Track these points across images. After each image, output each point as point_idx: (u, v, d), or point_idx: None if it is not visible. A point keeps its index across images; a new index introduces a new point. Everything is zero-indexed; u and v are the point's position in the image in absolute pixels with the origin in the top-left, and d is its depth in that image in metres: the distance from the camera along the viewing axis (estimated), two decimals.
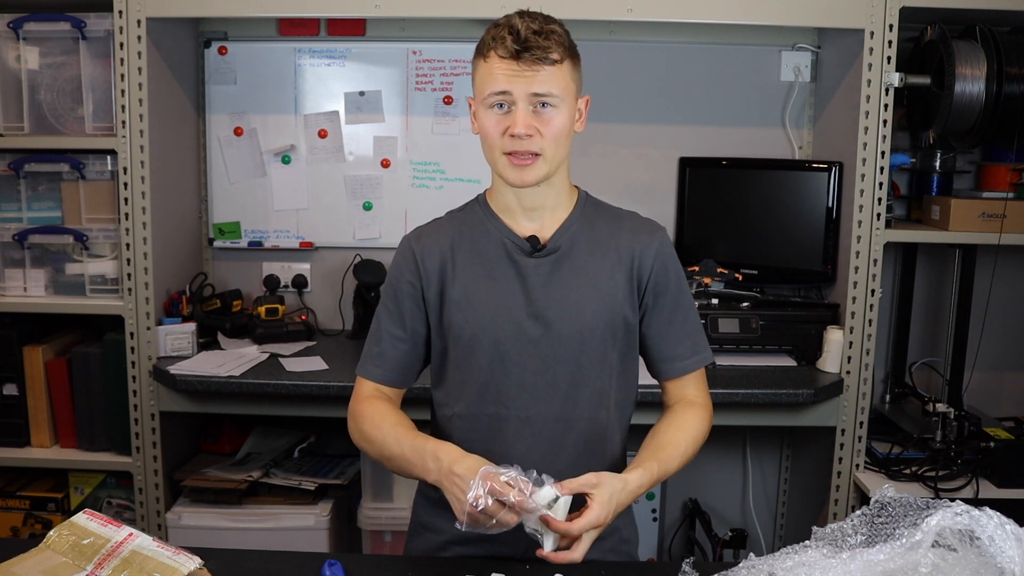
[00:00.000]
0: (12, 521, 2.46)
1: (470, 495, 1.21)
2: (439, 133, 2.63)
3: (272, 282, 2.60)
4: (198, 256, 2.67)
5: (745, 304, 2.41)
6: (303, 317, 2.60)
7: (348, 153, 2.65)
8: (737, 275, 2.48)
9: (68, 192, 2.35)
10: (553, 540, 1.26)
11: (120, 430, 2.35)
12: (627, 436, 1.52)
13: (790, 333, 2.37)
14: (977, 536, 0.98)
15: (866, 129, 2.19)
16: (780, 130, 2.63)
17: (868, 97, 2.18)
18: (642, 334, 1.48)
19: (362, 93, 2.62)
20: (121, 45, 2.20)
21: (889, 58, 2.17)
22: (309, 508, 2.33)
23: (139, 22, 2.19)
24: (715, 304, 2.40)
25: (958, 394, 2.40)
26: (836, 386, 2.25)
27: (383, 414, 1.42)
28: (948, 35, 2.28)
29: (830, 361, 2.29)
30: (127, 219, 2.27)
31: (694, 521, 2.70)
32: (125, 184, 2.26)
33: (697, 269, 2.44)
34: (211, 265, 2.70)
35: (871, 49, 2.17)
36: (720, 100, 2.62)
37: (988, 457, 2.17)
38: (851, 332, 2.27)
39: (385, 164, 2.64)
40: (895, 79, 2.17)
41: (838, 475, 2.30)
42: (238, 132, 2.63)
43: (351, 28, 2.58)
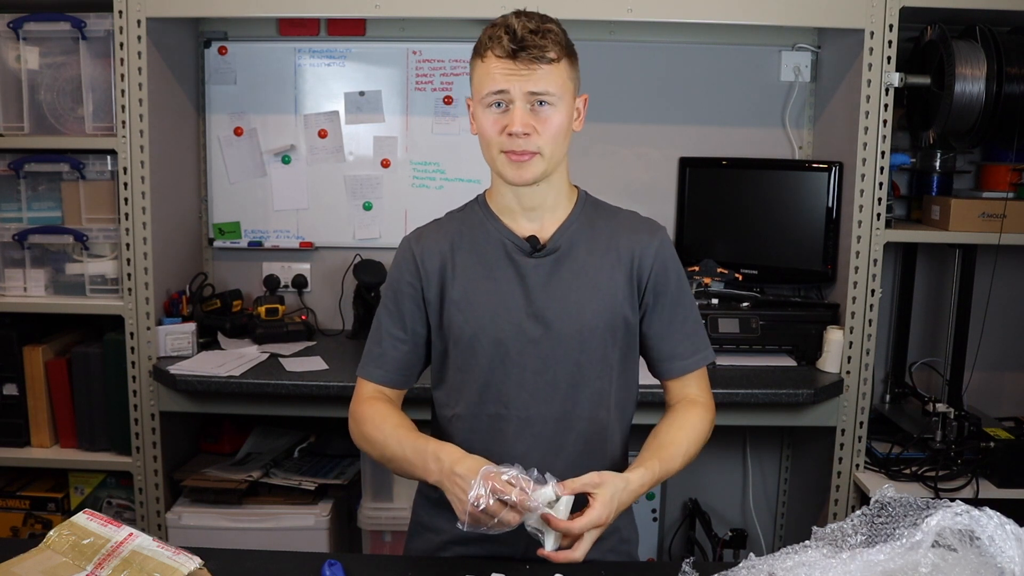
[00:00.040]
0: (12, 521, 2.46)
1: (471, 495, 1.21)
2: (439, 133, 2.63)
3: (272, 282, 2.60)
4: (198, 256, 2.67)
5: (745, 304, 2.41)
6: (303, 317, 2.60)
7: (348, 153, 2.65)
8: (737, 275, 2.48)
9: (68, 192, 2.35)
10: (554, 539, 1.26)
11: (120, 430, 2.35)
12: (628, 436, 1.52)
13: (790, 333, 2.37)
14: (977, 536, 0.98)
15: (866, 129, 2.20)
16: (780, 130, 2.63)
17: (868, 97, 2.18)
18: (643, 334, 1.48)
19: (362, 93, 2.62)
20: (121, 45, 2.20)
21: (889, 58, 2.17)
22: (309, 508, 2.33)
23: (139, 22, 2.19)
24: (715, 304, 2.40)
25: (958, 394, 2.40)
26: (836, 386, 2.25)
27: (384, 415, 1.42)
28: (948, 35, 2.28)
29: (830, 361, 2.29)
30: (127, 219, 2.27)
31: (694, 521, 2.70)
32: (125, 184, 2.26)
33: (697, 269, 2.44)
34: (211, 265, 2.70)
35: (871, 49, 2.17)
36: (720, 100, 2.62)
37: (988, 457, 2.17)
38: (851, 332, 2.27)
39: (385, 164, 2.64)
40: (895, 79, 2.17)
41: (838, 475, 2.31)
42: (238, 132, 2.63)
43: (351, 28, 2.58)
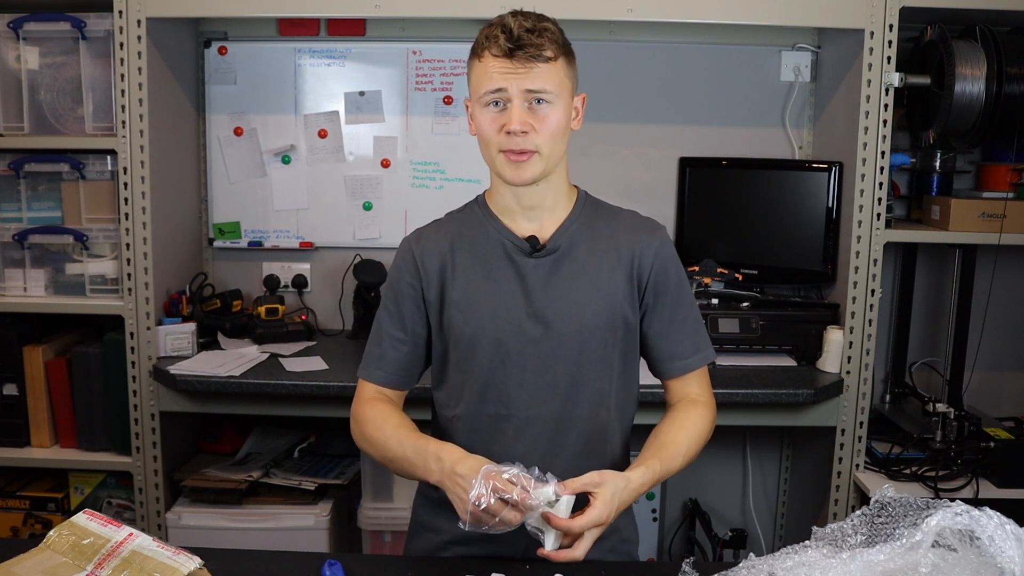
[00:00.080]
0: (12, 521, 2.46)
1: (472, 494, 1.21)
2: (439, 133, 2.63)
3: (272, 282, 2.60)
4: (198, 256, 2.67)
5: (745, 304, 2.41)
6: (303, 317, 2.60)
7: (348, 153, 2.65)
8: (737, 275, 2.48)
9: (68, 192, 2.35)
10: (554, 538, 1.26)
11: (120, 430, 2.35)
12: (630, 436, 1.52)
13: (790, 333, 2.37)
14: (977, 536, 0.98)
15: (866, 129, 2.19)
16: (780, 130, 2.63)
17: (868, 97, 2.18)
18: (643, 333, 1.48)
19: (362, 93, 2.62)
20: (121, 45, 2.20)
21: (889, 58, 2.17)
22: (309, 508, 2.33)
23: (139, 22, 2.19)
24: (715, 304, 2.40)
25: (958, 394, 2.40)
26: (836, 386, 2.25)
27: (385, 416, 1.42)
28: (948, 35, 2.28)
29: (830, 361, 2.29)
30: (127, 219, 2.27)
31: (694, 521, 2.70)
32: (125, 184, 2.26)
33: (697, 269, 2.44)
34: (211, 265, 2.70)
35: (871, 49, 2.17)
36: (720, 100, 2.62)
37: (988, 457, 2.17)
38: (851, 332, 2.27)
39: (385, 164, 2.64)
40: (895, 79, 2.17)
41: (838, 475, 2.30)
42: (238, 132, 2.63)
43: (351, 28, 2.58)
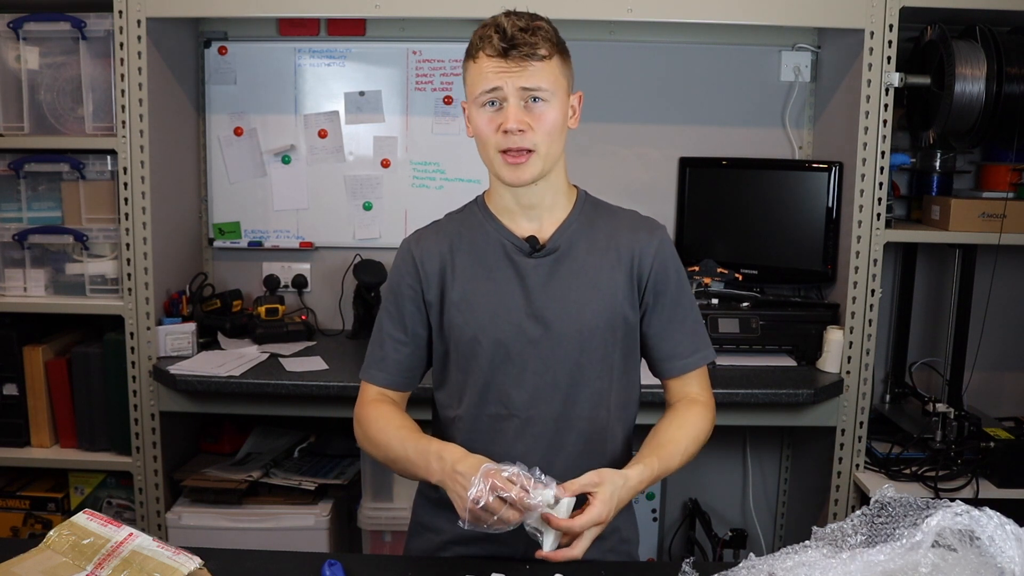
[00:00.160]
0: (12, 521, 2.46)
1: (472, 492, 1.21)
2: (439, 133, 2.63)
3: (272, 282, 2.60)
4: (198, 256, 2.67)
5: (745, 304, 2.41)
6: (303, 317, 2.60)
7: (348, 153, 2.65)
8: (737, 275, 2.48)
9: (68, 192, 2.35)
10: (554, 539, 1.26)
11: (120, 430, 2.35)
12: (631, 436, 1.52)
13: (790, 333, 2.37)
14: (977, 536, 0.98)
15: (866, 129, 2.19)
16: (780, 130, 2.63)
17: (868, 97, 2.18)
18: (643, 333, 1.48)
19: (362, 93, 2.62)
20: (121, 45, 2.20)
21: (889, 58, 2.17)
22: (309, 508, 2.33)
23: (139, 22, 2.19)
24: (715, 304, 2.40)
25: (958, 394, 2.40)
26: (836, 386, 2.25)
27: (387, 417, 1.42)
28: (948, 35, 2.28)
29: (830, 361, 2.29)
30: (127, 219, 2.27)
31: (694, 521, 2.70)
32: (125, 184, 2.26)
33: (697, 269, 2.44)
34: (211, 265, 2.70)
35: (871, 49, 2.17)
36: (720, 100, 2.62)
37: (988, 457, 2.17)
38: (851, 332, 2.26)
39: (385, 164, 2.64)
40: (895, 79, 2.17)
41: (838, 475, 2.30)
42: (238, 132, 2.63)
43: (351, 28, 2.58)
